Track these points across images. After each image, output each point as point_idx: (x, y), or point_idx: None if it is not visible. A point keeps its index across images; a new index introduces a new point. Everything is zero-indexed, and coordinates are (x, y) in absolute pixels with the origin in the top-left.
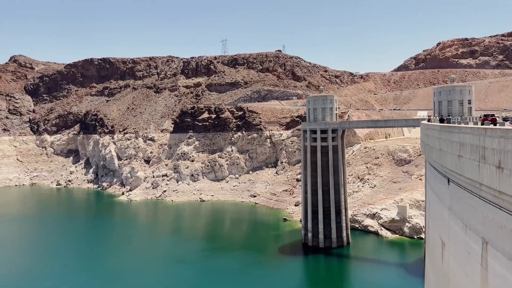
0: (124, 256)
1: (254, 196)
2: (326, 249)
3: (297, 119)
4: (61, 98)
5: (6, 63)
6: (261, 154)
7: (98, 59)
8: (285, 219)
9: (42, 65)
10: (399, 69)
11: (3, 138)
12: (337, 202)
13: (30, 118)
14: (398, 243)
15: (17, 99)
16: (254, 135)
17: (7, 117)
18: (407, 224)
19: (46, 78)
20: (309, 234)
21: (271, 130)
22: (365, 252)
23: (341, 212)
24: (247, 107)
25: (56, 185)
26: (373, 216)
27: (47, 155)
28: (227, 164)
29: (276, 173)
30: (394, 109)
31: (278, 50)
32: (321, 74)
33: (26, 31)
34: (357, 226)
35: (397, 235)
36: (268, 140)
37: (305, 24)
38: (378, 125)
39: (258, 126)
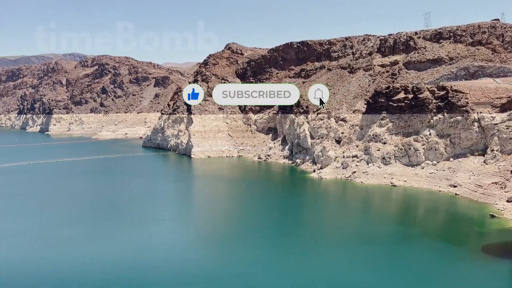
0: (315, 229)
1: (455, 186)
2: None
3: None
4: (263, 80)
5: (222, 50)
6: (466, 140)
7: (297, 43)
8: (492, 216)
9: (250, 51)
10: None
11: (219, 116)
12: None
13: None
14: None
15: (229, 82)
16: (458, 117)
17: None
18: None
19: (252, 63)
20: None
21: (481, 113)
22: None
23: None
24: (451, 86)
25: (258, 158)
26: None
27: (251, 131)
28: (423, 148)
29: (484, 162)
30: None
31: (495, 19)
32: None
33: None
34: None
35: None
36: (476, 124)
37: None
38: None
39: (464, 108)
